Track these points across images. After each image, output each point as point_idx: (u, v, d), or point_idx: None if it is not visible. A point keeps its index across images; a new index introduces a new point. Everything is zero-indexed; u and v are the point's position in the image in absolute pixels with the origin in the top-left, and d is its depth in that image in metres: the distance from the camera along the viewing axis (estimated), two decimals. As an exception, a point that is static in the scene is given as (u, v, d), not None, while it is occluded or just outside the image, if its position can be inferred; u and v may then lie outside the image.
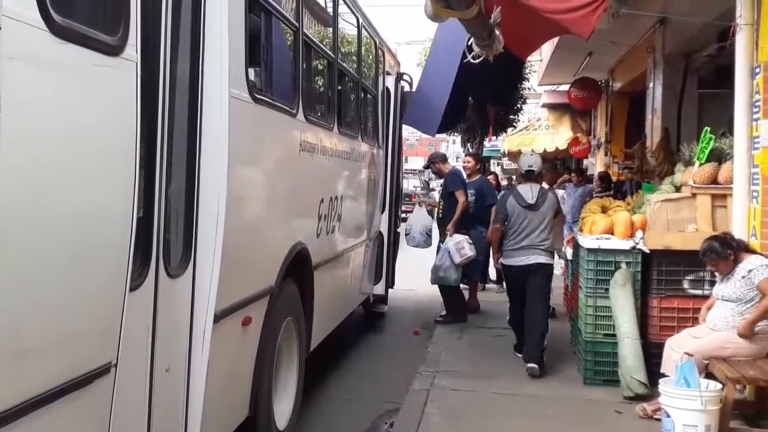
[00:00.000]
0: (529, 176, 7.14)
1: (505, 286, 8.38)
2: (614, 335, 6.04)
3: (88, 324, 2.62)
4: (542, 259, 6.79)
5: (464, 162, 9.81)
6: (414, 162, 65.44)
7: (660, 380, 4.92)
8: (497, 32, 6.03)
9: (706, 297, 5.60)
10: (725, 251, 5.12)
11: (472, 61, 6.31)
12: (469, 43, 6.35)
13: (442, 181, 9.62)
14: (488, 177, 11.93)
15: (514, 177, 18.90)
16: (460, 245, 8.44)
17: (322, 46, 6.08)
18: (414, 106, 9.62)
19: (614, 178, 13.39)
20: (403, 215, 9.93)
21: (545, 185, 8.58)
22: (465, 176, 9.30)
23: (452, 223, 8.62)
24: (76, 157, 2.49)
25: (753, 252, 5.17)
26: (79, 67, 2.49)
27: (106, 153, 2.67)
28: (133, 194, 2.80)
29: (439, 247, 8.75)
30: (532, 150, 12.88)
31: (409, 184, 32.95)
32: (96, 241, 2.62)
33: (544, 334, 6.75)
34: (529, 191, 6.92)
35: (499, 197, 8.19)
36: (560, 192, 12.04)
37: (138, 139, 2.80)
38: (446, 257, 8.40)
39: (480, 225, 9.12)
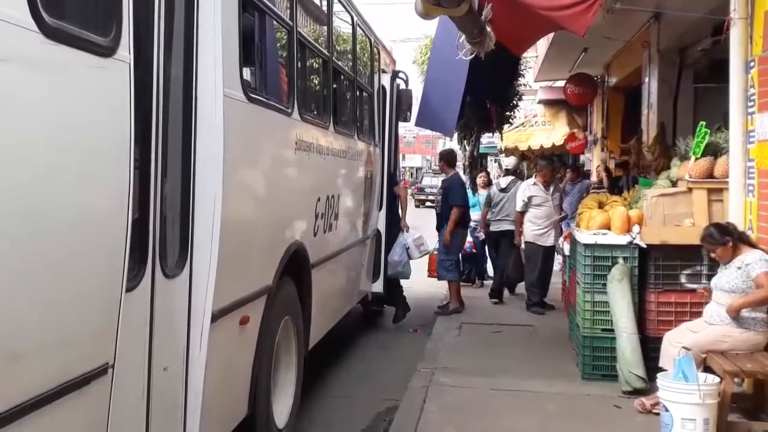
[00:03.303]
0: (507, 172, 12.13)
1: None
2: (612, 330, 6.05)
3: (84, 325, 2.62)
4: (509, 226, 9.83)
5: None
6: (411, 160, 65.55)
7: (658, 375, 4.92)
8: (488, 29, 6.03)
9: (704, 291, 5.61)
10: (723, 238, 5.17)
11: (463, 58, 6.32)
12: (460, 40, 6.36)
13: None
14: (481, 174, 11.96)
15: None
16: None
17: (316, 44, 6.08)
18: (424, 108, 9.62)
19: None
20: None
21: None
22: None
23: (403, 218, 8.75)
24: (69, 159, 2.48)
25: (754, 246, 5.18)
26: (72, 69, 2.48)
27: (100, 154, 2.67)
28: (128, 195, 2.79)
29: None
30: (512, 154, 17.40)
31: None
32: (91, 243, 2.61)
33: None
34: (504, 181, 10.60)
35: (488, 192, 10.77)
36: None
37: (132, 139, 2.80)
38: (404, 253, 8.43)
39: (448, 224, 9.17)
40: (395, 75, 9.45)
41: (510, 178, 10.85)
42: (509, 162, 11.91)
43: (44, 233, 2.36)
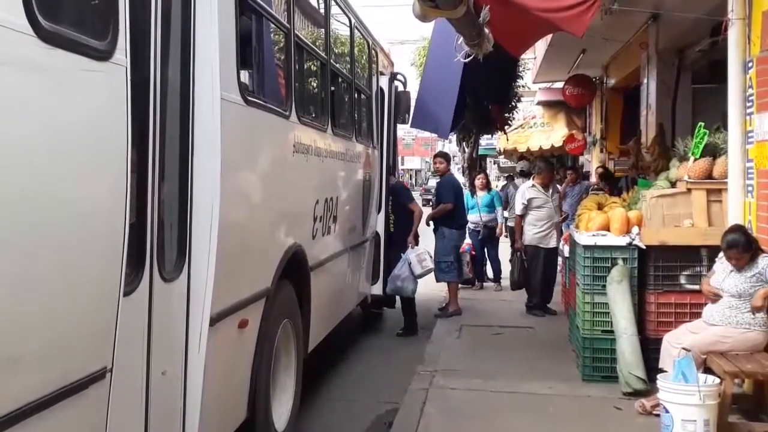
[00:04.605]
0: (522, 174, 13.30)
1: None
2: (612, 331, 6.04)
3: (82, 329, 2.61)
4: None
5: (438, 163, 9.78)
6: (410, 162, 65.62)
7: (658, 376, 4.91)
8: (486, 31, 6.03)
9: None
10: (752, 245, 5.09)
11: (461, 60, 6.32)
12: (458, 42, 6.35)
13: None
14: (479, 176, 11.94)
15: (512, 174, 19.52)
16: (422, 257, 8.44)
17: (314, 47, 6.08)
18: (420, 109, 9.58)
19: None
20: None
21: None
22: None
23: (412, 234, 8.62)
24: (66, 163, 2.48)
25: (761, 250, 5.15)
26: (68, 72, 2.48)
27: (97, 158, 2.66)
28: (125, 199, 2.79)
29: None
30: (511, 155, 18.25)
31: None
32: (88, 247, 2.61)
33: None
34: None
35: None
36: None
37: (129, 143, 2.79)
38: (406, 268, 8.31)
39: (444, 226, 9.12)
40: (393, 77, 9.43)
41: (527, 180, 11.57)
42: (523, 165, 13.51)
43: (40, 238, 2.35)
